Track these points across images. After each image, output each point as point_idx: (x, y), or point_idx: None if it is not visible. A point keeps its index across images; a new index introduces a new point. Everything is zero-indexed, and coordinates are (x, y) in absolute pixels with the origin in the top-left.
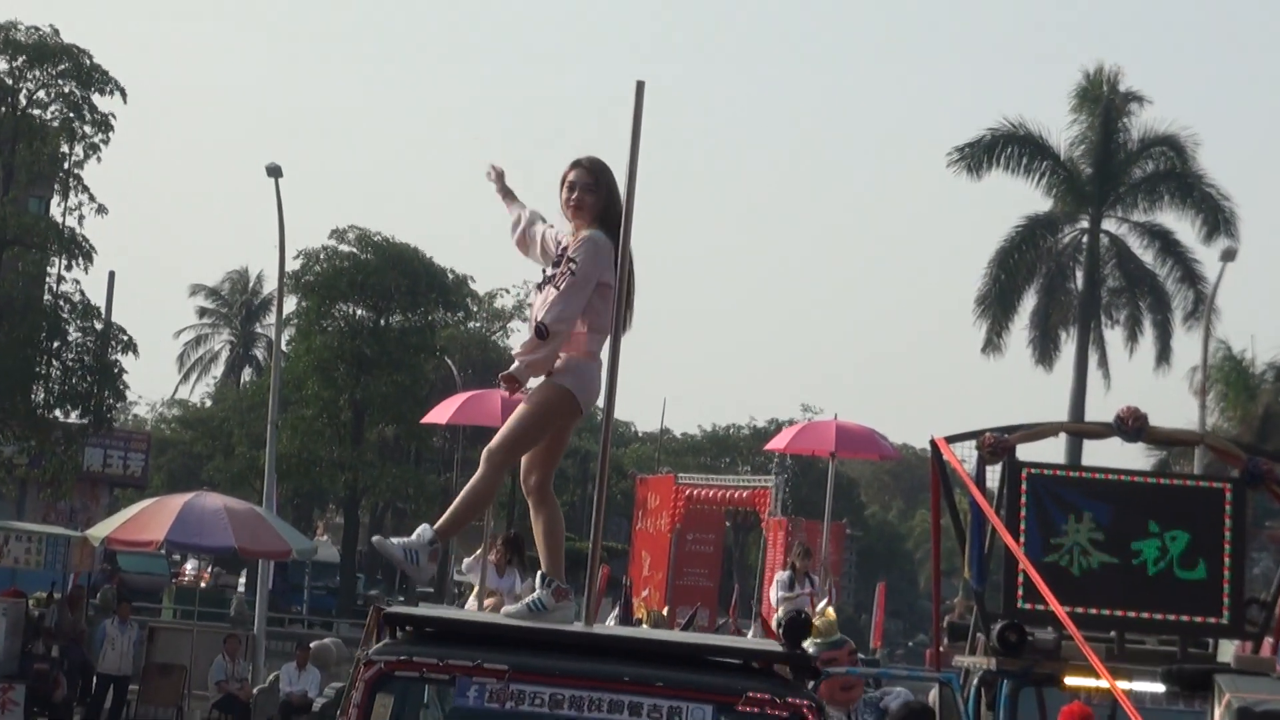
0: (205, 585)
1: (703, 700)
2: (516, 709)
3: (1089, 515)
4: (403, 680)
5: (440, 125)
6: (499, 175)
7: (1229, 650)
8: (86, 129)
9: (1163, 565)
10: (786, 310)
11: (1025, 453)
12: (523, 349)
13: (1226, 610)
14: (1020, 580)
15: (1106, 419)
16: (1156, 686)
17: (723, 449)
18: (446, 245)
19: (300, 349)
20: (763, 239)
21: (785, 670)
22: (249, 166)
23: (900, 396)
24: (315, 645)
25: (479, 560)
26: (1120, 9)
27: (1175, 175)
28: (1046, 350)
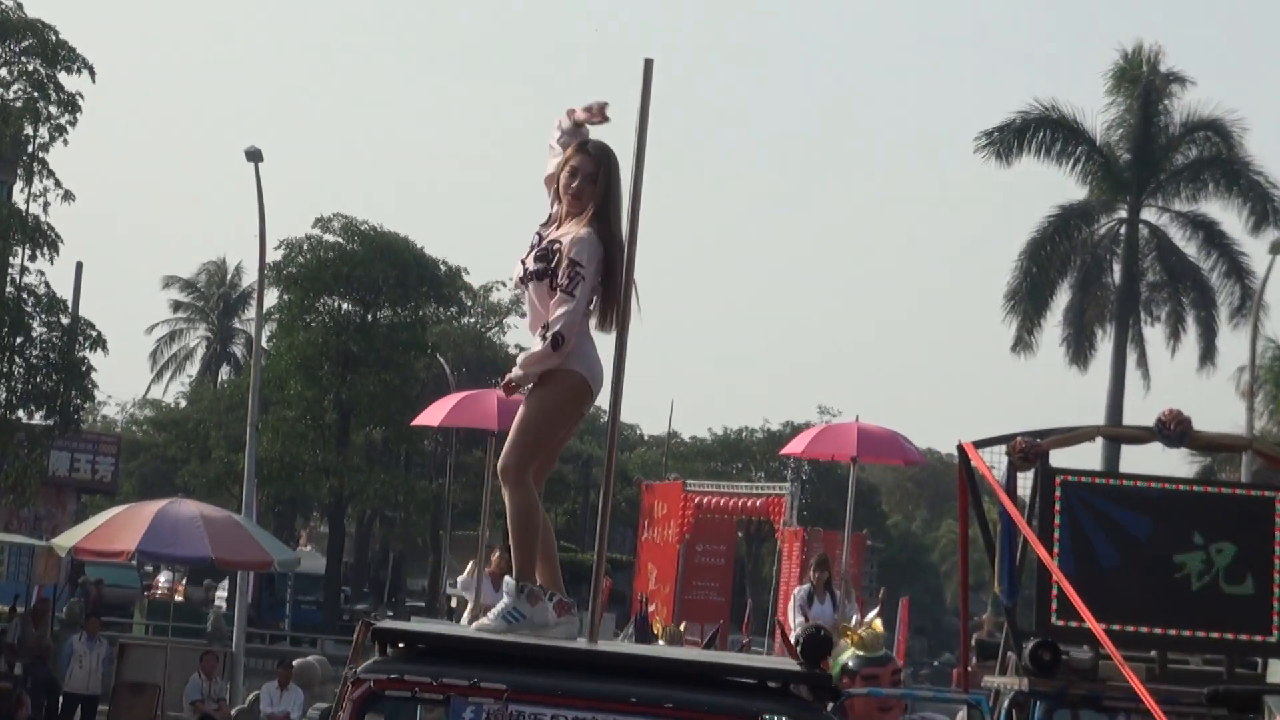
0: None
1: None
2: None
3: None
4: (393, 700)
5: (433, 105)
6: (599, 110)
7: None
8: (52, 110)
9: (1208, 579)
10: (803, 306)
11: (1059, 459)
12: (533, 358)
13: (1277, 628)
14: (1054, 595)
15: (1146, 422)
16: (1200, 709)
17: (734, 454)
18: (438, 235)
19: (282, 346)
20: (777, 230)
21: (803, 691)
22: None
23: (925, 398)
24: (298, 663)
25: (474, 575)
26: None
27: (1220, 162)
28: (1081, 349)
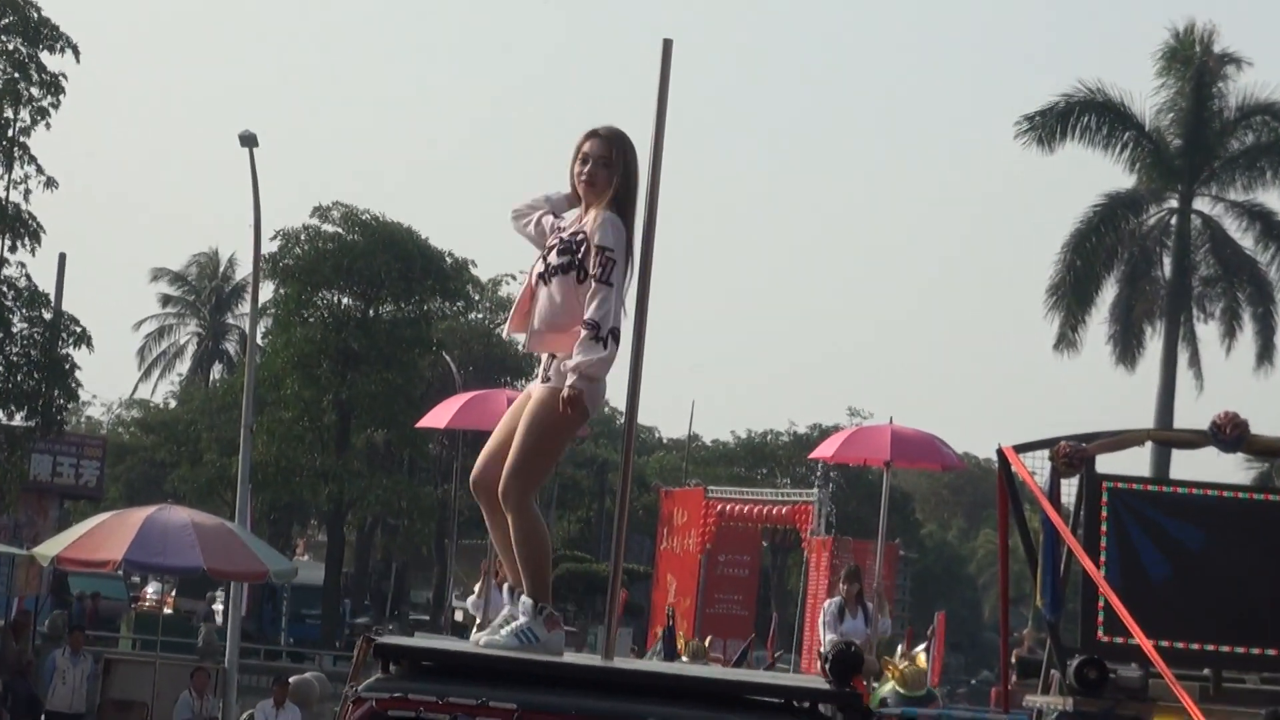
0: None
1: None
2: None
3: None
4: None
5: (438, 87)
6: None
7: None
8: (34, 91)
9: (1265, 592)
10: (832, 301)
11: (1106, 464)
12: (594, 364)
13: None
14: (1101, 608)
15: (1199, 426)
16: None
17: (759, 458)
18: (444, 225)
19: (278, 342)
20: (805, 222)
21: (832, 711)
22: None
23: (961, 400)
24: (295, 680)
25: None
26: None
27: (1278, 148)
28: (1129, 347)
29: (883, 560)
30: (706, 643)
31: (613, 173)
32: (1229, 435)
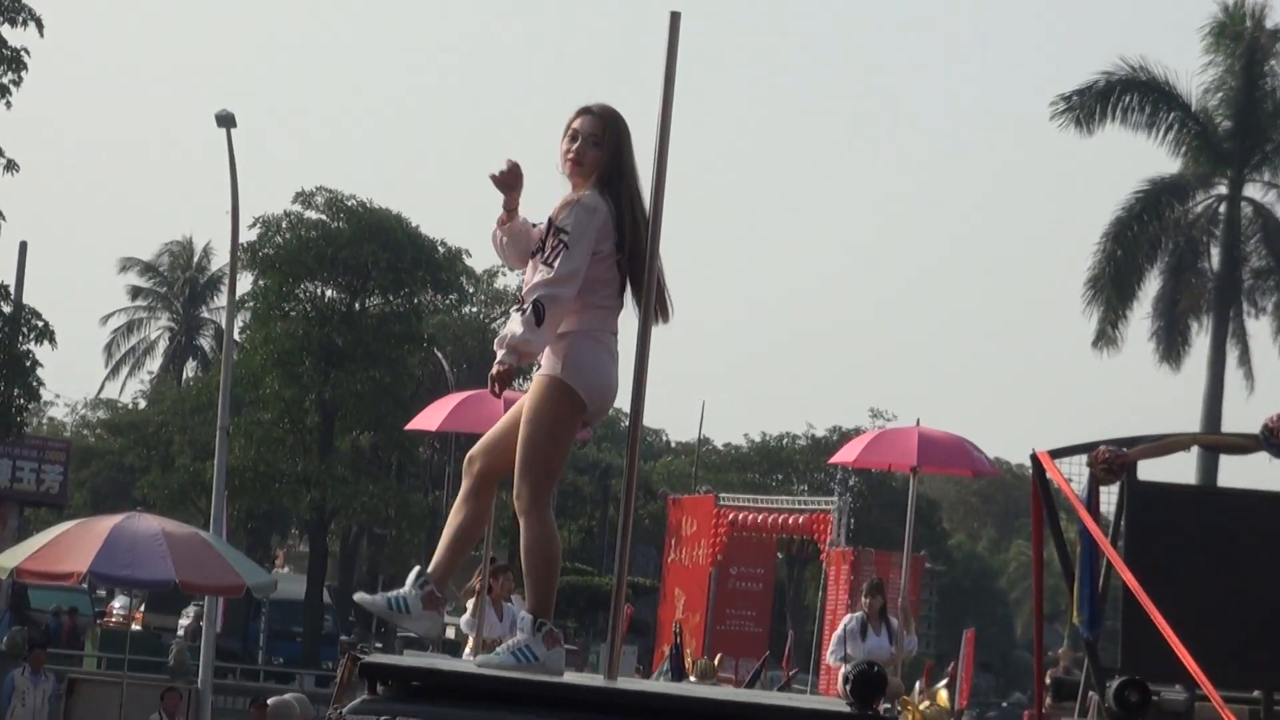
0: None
1: None
2: None
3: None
4: None
5: (428, 65)
6: (512, 174)
7: None
8: None
9: None
10: (852, 296)
11: (1149, 470)
12: (512, 338)
13: None
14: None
15: (1250, 429)
16: None
17: (774, 463)
18: (436, 212)
19: (257, 338)
20: (823, 211)
21: None
22: (194, 115)
23: (993, 401)
24: (273, 702)
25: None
26: None
27: None
28: (1174, 344)
29: (908, 573)
30: (716, 662)
31: (602, 152)
32: None
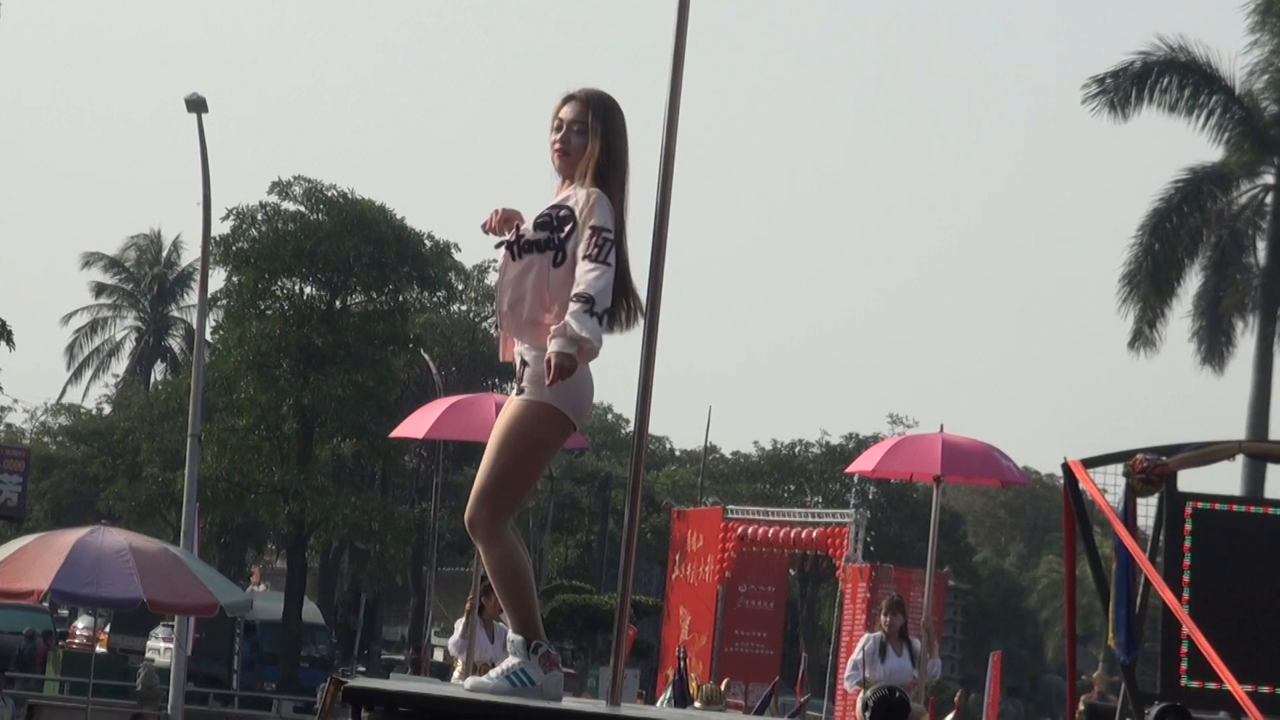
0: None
1: None
2: None
3: None
4: None
5: (415, 45)
6: (502, 223)
7: None
8: None
9: None
10: (869, 294)
11: (1189, 481)
12: (582, 338)
13: None
14: (1184, 650)
15: None
16: None
17: (785, 473)
18: (422, 204)
19: (230, 338)
20: (837, 203)
21: None
22: (163, 98)
23: (1021, 406)
24: None
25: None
26: None
27: None
28: (1216, 345)
29: (931, 591)
30: (724, 686)
31: (589, 140)
32: None
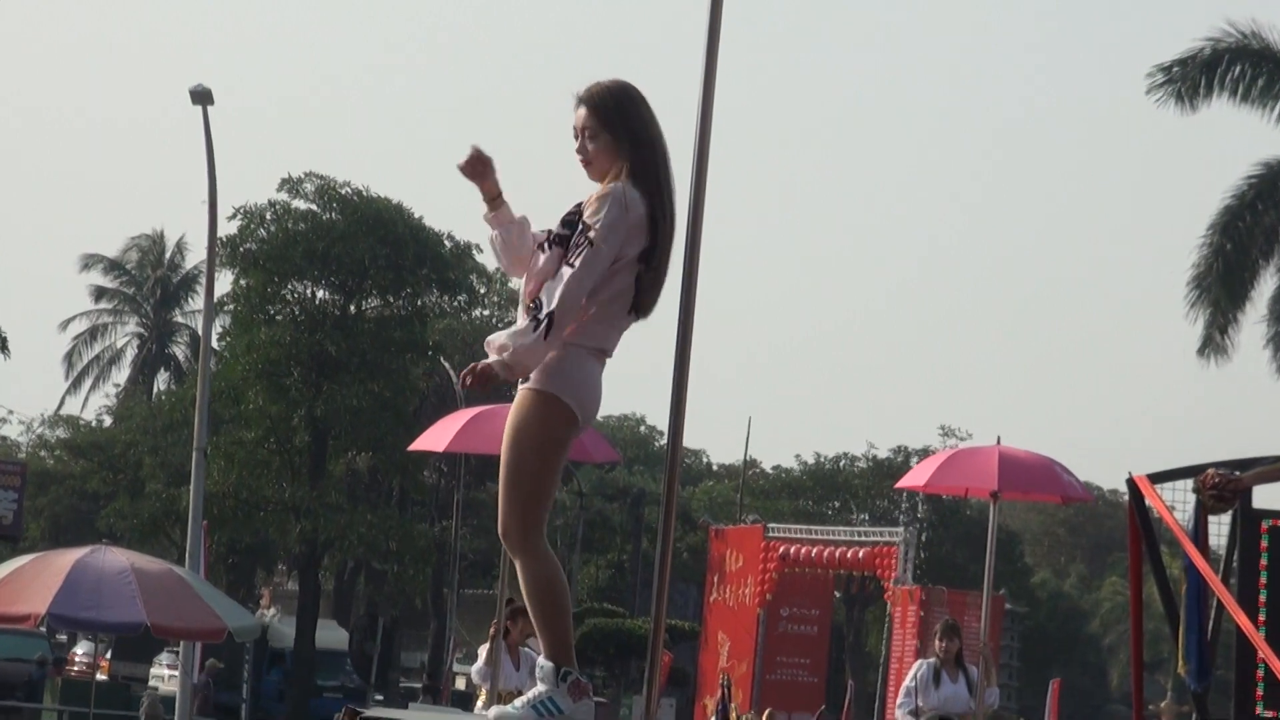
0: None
1: None
2: None
3: None
4: None
5: (434, 33)
6: (476, 160)
7: None
8: None
9: None
10: (918, 298)
11: (1265, 497)
12: (515, 349)
13: None
14: (1259, 677)
15: None
16: None
17: (830, 489)
18: (442, 202)
19: (238, 346)
20: (884, 201)
21: None
22: (167, 90)
23: (1081, 418)
24: None
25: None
26: None
27: None
28: None
29: (989, 615)
30: (765, 717)
31: (604, 144)
32: None
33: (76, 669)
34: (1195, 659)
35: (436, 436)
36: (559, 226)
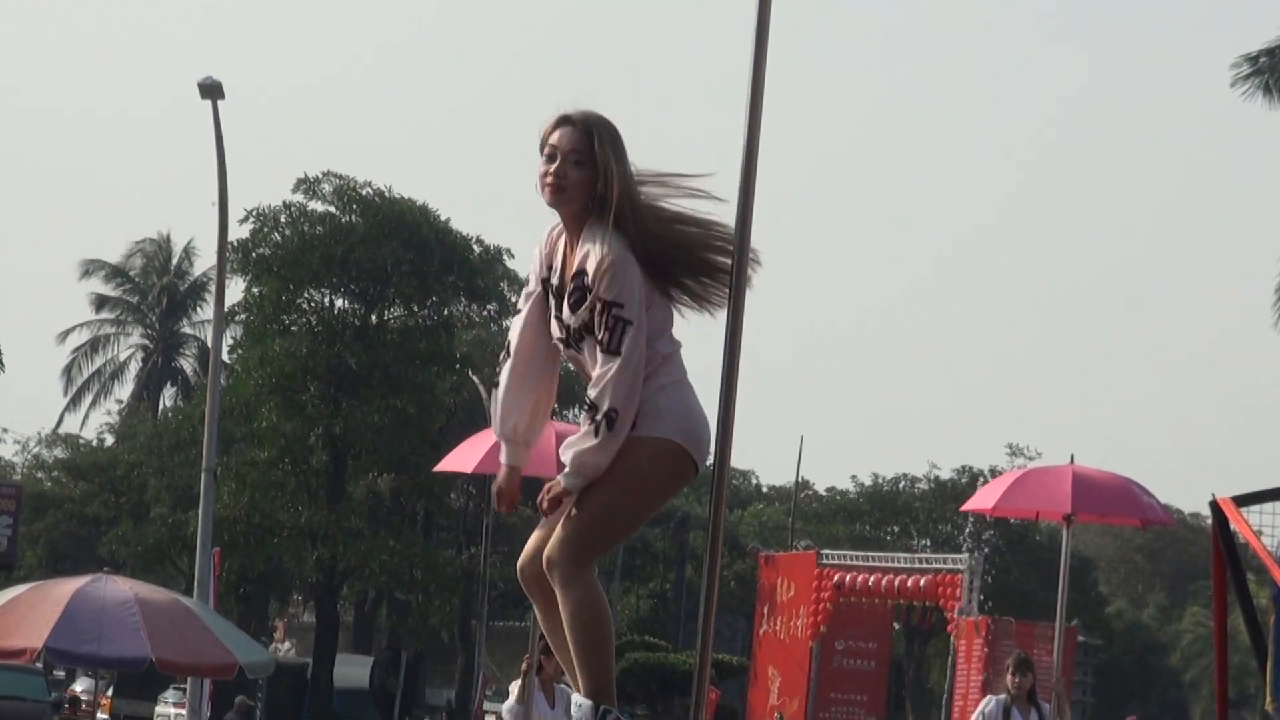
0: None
1: None
2: None
3: None
4: None
5: (459, 25)
6: (509, 505)
7: None
8: None
9: None
10: (983, 308)
11: None
12: (587, 452)
13: None
14: None
15: None
16: None
17: (889, 512)
18: (469, 204)
19: (250, 358)
20: (946, 207)
21: None
22: (174, 85)
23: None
24: None
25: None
26: None
27: None
28: None
29: (1061, 647)
30: None
31: (587, 175)
32: None
33: (79, 707)
34: None
35: (464, 456)
36: (571, 315)
